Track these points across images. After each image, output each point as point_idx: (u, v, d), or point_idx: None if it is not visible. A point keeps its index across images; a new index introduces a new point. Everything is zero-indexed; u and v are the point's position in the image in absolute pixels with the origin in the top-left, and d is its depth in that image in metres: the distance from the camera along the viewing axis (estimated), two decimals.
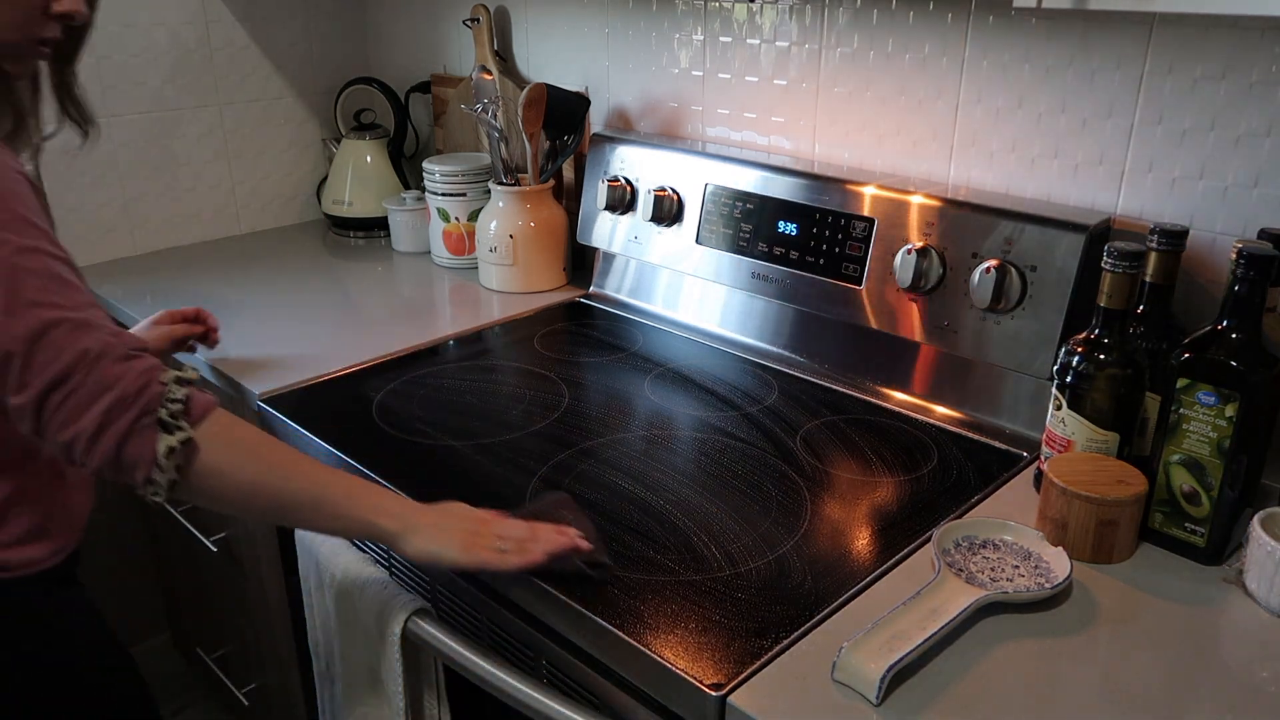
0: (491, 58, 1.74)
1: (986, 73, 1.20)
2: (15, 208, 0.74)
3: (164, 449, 0.76)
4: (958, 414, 1.20)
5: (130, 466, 0.76)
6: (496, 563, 0.85)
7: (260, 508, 0.85)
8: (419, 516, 0.86)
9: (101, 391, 0.74)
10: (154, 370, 0.77)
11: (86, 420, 0.74)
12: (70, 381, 0.73)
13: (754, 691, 0.76)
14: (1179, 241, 1.00)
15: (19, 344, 0.72)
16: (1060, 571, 0.87)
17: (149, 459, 0.76)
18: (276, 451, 0.84)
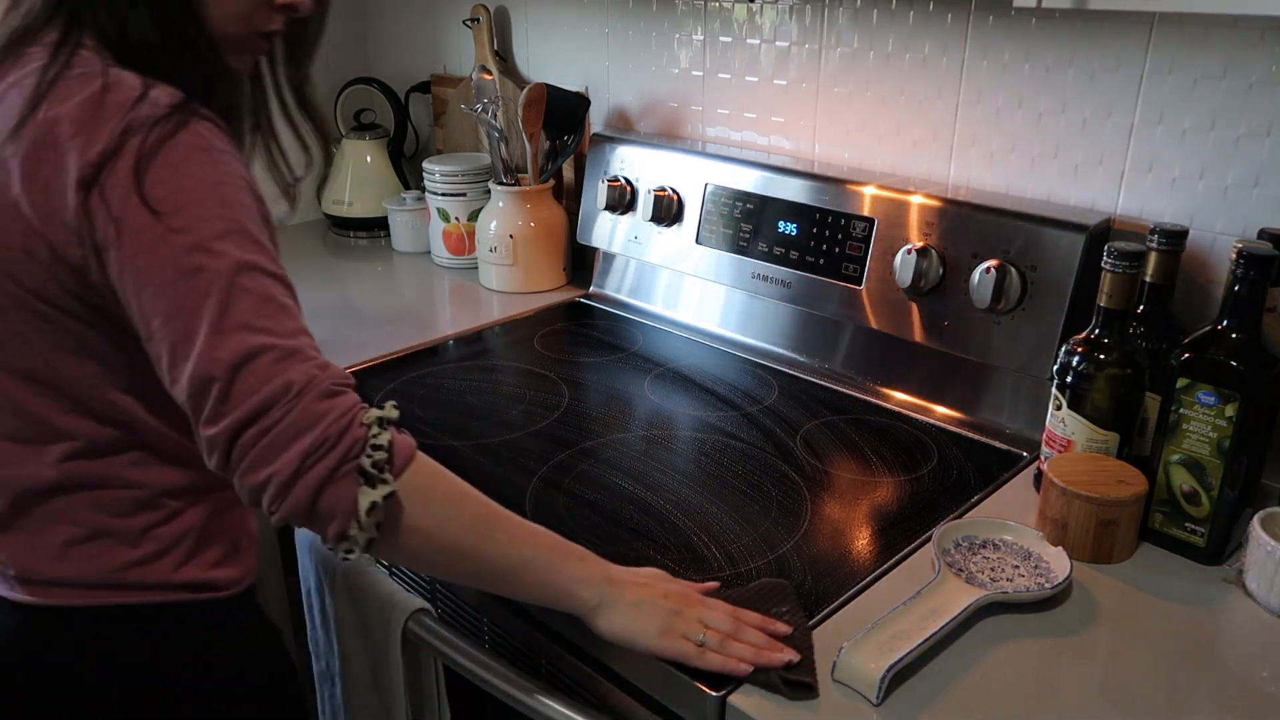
0: (491, 58, 1.74)
1: (986, 73, 1.20)
2: (240, 218, 0.69)
3: (365, 505, 0.67)
4: (958, 414, 1.20)
5: (325, 518, 0.67)
6: (694, 658, 0.76)
7: (461, 570, 0.77)
8: (617, 591, 0.78)
9: (302, 430, 0.65)
10: (357, 410, 0.68)
11: (282, 463, 0.65)
12: (269, 416, 0.65)
13: (754, 692, 0.76)
14: (1179, 241, 1.00)
15: (222, 369, 0.65)
16: (1060, 571, 0.87)
17: (347, 512, 0.67)
18: (479, 508, 0.76)
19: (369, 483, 0.67)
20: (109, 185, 0.65)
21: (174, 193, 0.65)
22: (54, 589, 0.78)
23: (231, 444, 0.66)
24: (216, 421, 0.65)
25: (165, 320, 0.66)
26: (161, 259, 0.65)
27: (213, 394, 0.65)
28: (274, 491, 0.66)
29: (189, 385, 0.66)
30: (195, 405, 0.67)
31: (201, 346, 0.65)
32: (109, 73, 0.68)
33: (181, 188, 0.66)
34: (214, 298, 0.66)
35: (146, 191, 0.65)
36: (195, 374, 0.65)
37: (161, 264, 0.65)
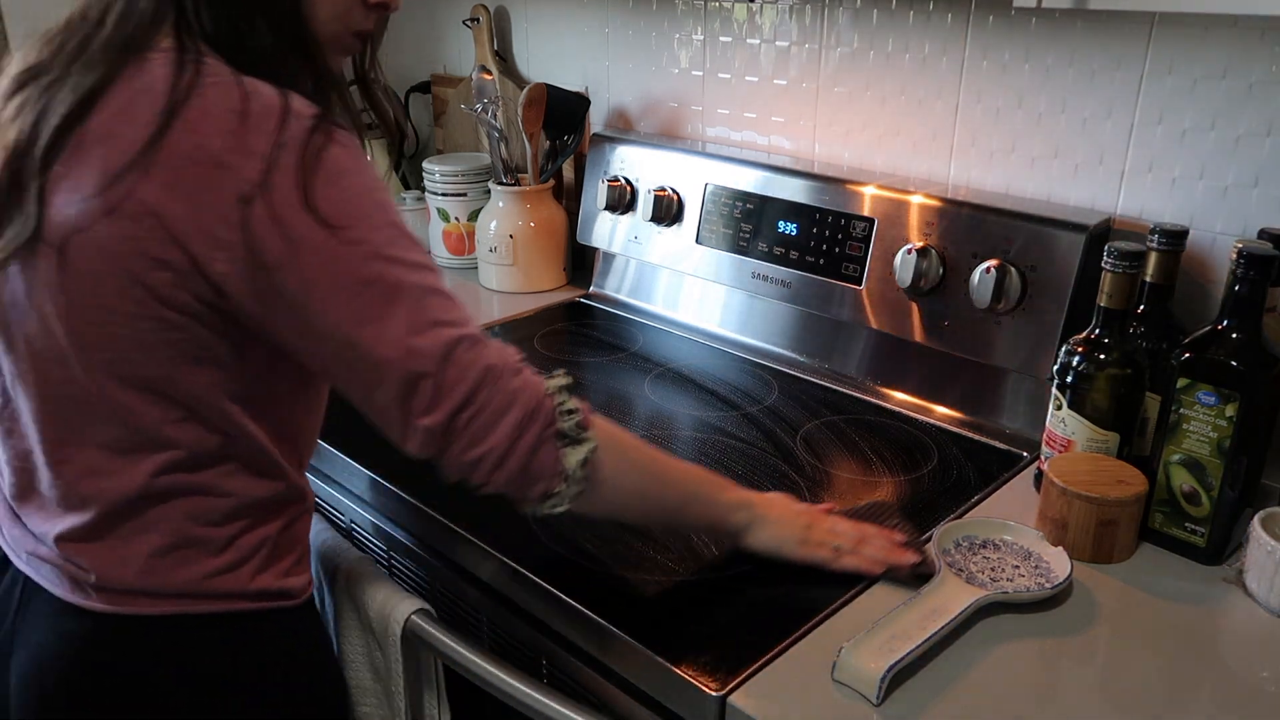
0: (491, 58, 1.74)
1: (986, 73, 1.20)
2: (397, 220, 0.72)
3: (576, 461, 0.75)
4: (958, 414, 1.20)
5: (535, 480, 0.75)
6: (831, 562, 0.88)
7: (642, 511, 0.87)
8: (762, 510, 0.89)
9: (506, 408, 0.73)
10: (541, 381, 0.76)
11: (495, 437, 0.72)
12: (477, 400, 0.71)
13: (754, 691, 0.76)
14: (1179, 241, 1.00)
15: (432, 364, 0.70)
16: (1060, 571, 0.87)
17: (556, 471, 0.75)
18: (650, 453, 0.85)
19: (571, 443, 0.76)
20: (275, 202, 0.66)
21: (340, 205, 0.68)
22: (133, 598, 0.77)
23: (449, 428, 0.72)
24: (433, 411, 0.71)
25: (354, 327, 0.69)
26: (343, 272, 0.68)
27: (426, 389, 0.71)
28: (492, 463, 0.73)
29: (398, 385, 0.70)
30: (405, 401, 0.71)
31: (405, 348, 0.70)
32: (244, 83, 0.68)
33: (346, 199, 0.68)
34: (403, 301, 0.70)
35: (315, 206, 0.66)
36: (404, 373, 0.70)
37: (344, 276, 0.68)
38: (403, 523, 1.06)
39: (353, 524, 1.13)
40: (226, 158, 0.66)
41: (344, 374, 0.73)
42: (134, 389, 0.73)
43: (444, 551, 1.01)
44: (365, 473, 1.08)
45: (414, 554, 1.03)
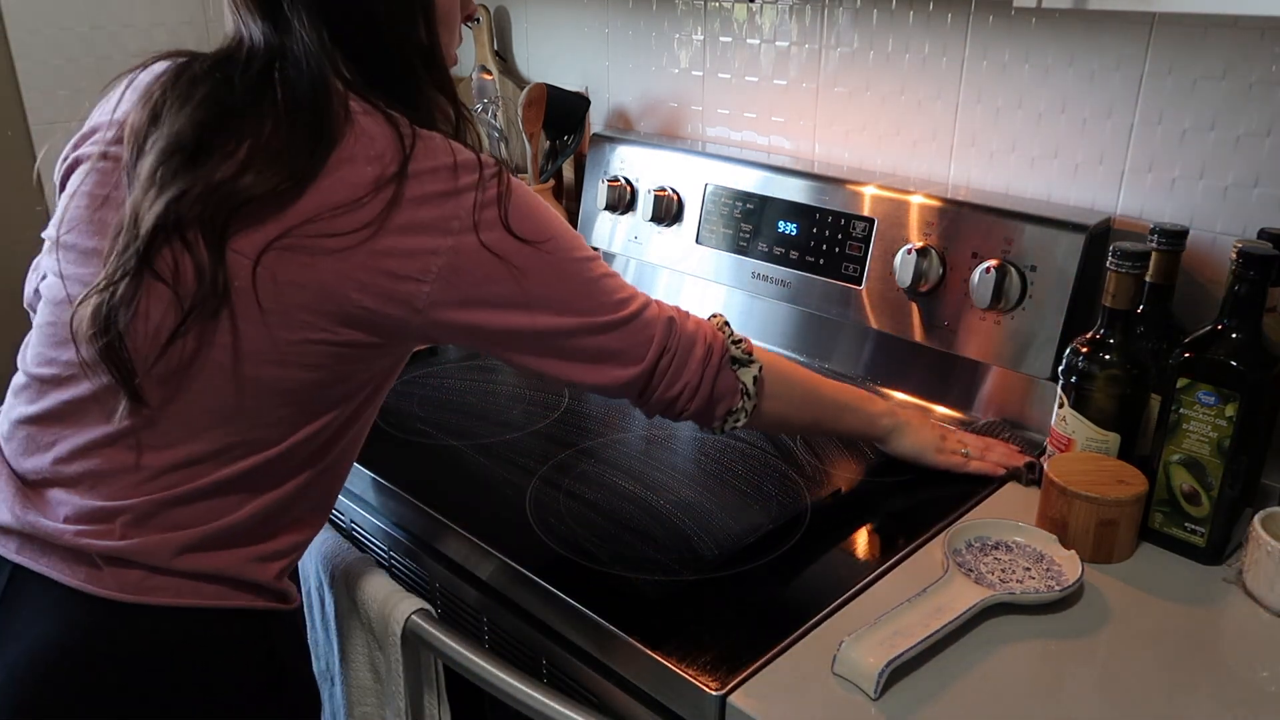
0: (491, 58, 1.74)
1: (986, 73, 1.20)
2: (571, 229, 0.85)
3: (750, 379, 0.91)
4: (958, 414, 1.20)
5: (720, 400, 0.90)
6: (961, 465, 1.06)
7: (803, 421, 1.01)
8: (903, 420, 1.06)
9: (690, 348, 0.88)
10: (701, 320, 0.91)
11: (690, 372, 0.88)
12: (670, 348, 0.87)
13: (754, 691, 0.76)
14: (1179, 241, 1.00)
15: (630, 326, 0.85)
16: (1071, 575, 0.87)
17: (734, 390, 0.90)
18: (802, 371, 1.00)
19: (743, 364, 0.91)
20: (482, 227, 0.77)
21: (534, 226, 0.80)
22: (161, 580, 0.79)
23: (651, 374, 0.87)
24: (639, 362, 0.86)
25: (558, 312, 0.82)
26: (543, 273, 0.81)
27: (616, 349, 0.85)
28: (689, 393, 0.88)
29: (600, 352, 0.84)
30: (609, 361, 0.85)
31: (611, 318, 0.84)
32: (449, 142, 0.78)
33: (536, 222, 0.80)
34: (597, 283, 0.84)
35: (516, 230, 0.78)
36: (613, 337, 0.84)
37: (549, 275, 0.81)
38: (403, 523, 1.06)
39: (353, 524, 1.13)
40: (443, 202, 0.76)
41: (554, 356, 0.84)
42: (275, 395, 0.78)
43: (444, 551, 1.01)
44: (365, 473, 1.08)
45: (414, 554, 1.04)
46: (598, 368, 0.85)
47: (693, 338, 0.88)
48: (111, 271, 0.74)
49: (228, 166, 0.73)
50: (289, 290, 0.74)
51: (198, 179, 0.73)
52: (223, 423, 0.78)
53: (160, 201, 0.73)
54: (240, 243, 0.73)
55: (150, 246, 0.73)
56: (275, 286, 0.74)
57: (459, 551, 0.98)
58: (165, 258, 0.74)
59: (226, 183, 0.73)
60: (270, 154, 0.74)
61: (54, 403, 0.80)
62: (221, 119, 0.75)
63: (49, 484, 0.80)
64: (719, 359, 0.89)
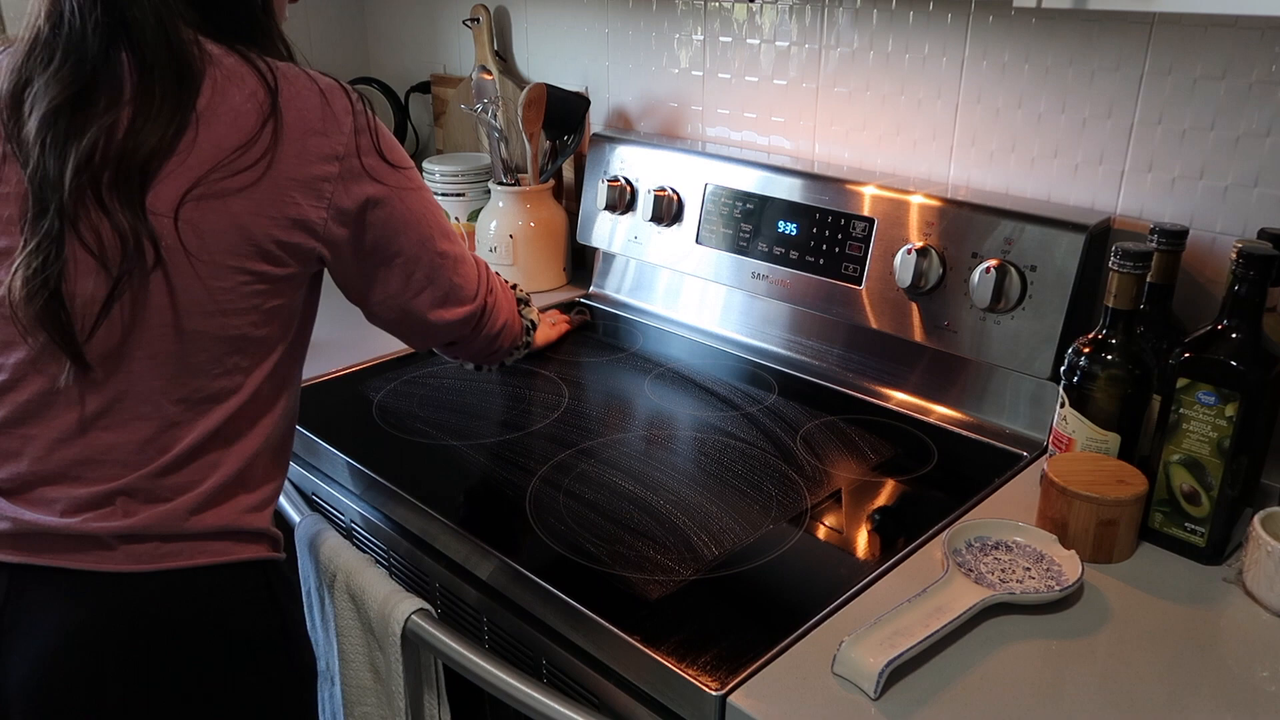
0: (491, 58, 1.74)
1: (986, 73, 1.20)
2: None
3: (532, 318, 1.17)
4: (958, 414, 1.20)
5: (521, 332, 1.13)
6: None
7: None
8: None
9: (504, 289, 1.08)
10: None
11: (508, 309, 1.08)
12: (493, 286, 1.04)
13: (754, 691, 0.76)
14: (1179, 241, 1.00)
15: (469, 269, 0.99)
16: (1071, 575, 0.87)
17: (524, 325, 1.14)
18: None
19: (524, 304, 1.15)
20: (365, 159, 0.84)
21: (399, 154, 0.88)
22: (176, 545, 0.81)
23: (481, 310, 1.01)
24: (471, 300, 0.99)
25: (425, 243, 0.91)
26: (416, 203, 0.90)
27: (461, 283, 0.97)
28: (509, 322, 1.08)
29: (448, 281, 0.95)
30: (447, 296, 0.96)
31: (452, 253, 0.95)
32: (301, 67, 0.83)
33: (400, 151, 0.89)
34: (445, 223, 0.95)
35: (387, 157, 0.86)
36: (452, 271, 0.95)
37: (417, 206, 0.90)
38: (403, 523, 1.06)
39: (353, 524, 1.13)
40: (323, 127, 0.81)
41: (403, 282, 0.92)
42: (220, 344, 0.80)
43: (444, 551, 1.01)
44: (365, 473, 1.08)
45: (414, 554, 1.03)
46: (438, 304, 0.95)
47: (504, 286, 1.08)
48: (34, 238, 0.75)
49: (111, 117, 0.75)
50: (212, 238, 0.77)
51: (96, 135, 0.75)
52: (179, 384, 0.80)
53: (69, 164, 0.74)
54: (155, 202, 0.76)
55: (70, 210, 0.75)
56: (199, 238, 0.77)
57: (459, 551, 0.98)
58: (86, 225, 0.75)
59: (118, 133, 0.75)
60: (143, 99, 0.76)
61: (11, 408, 0.80)
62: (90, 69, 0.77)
63: (34, 485, 0.80)
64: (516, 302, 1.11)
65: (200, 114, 0.77)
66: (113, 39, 0.77)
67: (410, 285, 0.93)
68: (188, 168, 0.76)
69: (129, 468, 0.80)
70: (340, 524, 1.14)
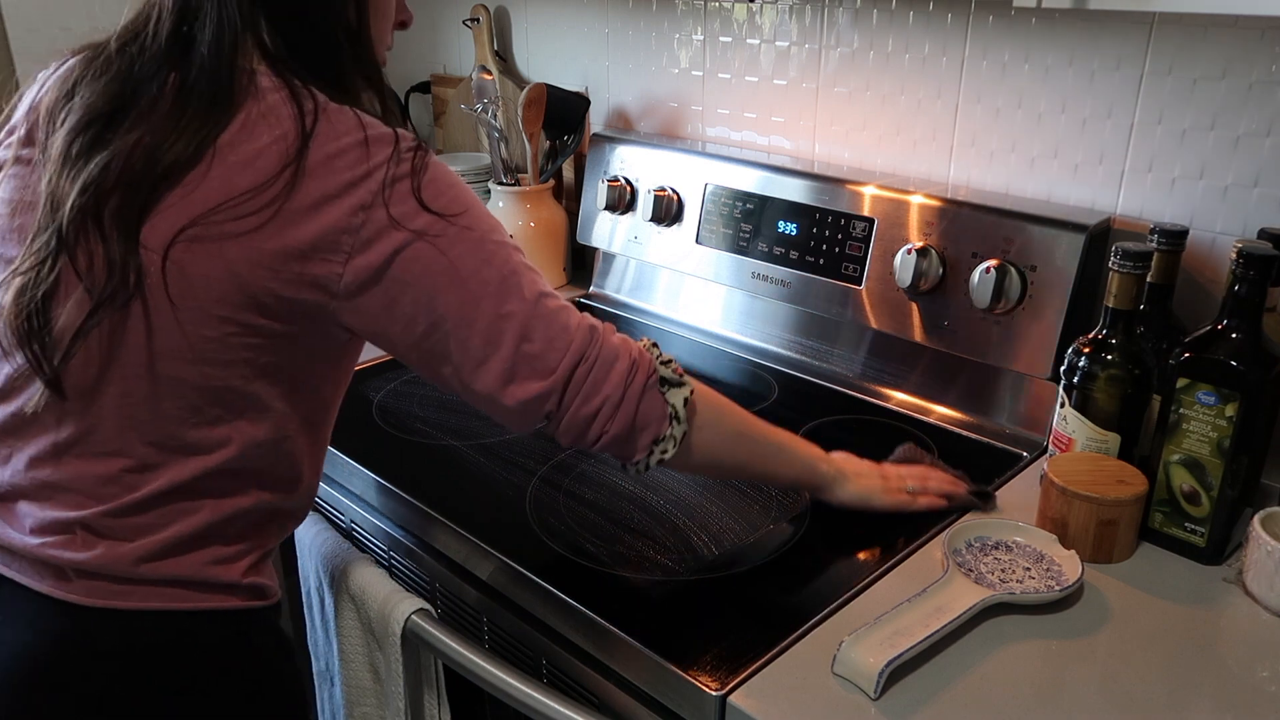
0: (491, 58, 1.74)
1: (986, 73, 1.20)
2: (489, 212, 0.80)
3: (680, 400, 0.82)
4: (958, 414, 1.20)
5: (645, 425, 0.81)
6: (909, 504, 0.98)
7: (736, 461, 0.92)
8: (841, 463, 0.98)
9: (612, 361, 0.79)
10: (631, 340, 0.83)
11: (610, 386, 0.79)
12: (588, 358, 0.78)
13: (754, 691, 0.76)
14: (1179, 241, 1.00)
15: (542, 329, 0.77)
16: (1071, 575, 0.87)
17: (664, 414, 0.81)
18: (735, 406, 0.90)
19: (673, 386, 0.82)
20: (394, 209, 0.73)
21: (449, 201, 0.75)
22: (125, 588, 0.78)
23: (566, 385, 0.78)
24: (549, 374, 0.77)
25: (476, 302, 0.75)
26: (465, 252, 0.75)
27: (531, 358, 0.77)
28: (608, 411, 0.79)
29: (508, 355, 0.76)
30: (510, 372, 0.77)
31: (521, 314, 0.76)
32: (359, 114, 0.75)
33: (452, 196, 0.76)
34: (514, 276, 0.77)
35: (429, 203, 0.74)
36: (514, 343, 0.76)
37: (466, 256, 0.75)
38: (403, 523, 1.06)
39: (353, 524, 1.13)
40: (352, 177, 0.72)
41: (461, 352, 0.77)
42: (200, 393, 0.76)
43: (444, 551, 1.01)
44: (365, 473, 1.08)
45: (414, 554, 1.04)
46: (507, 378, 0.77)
47: (616, 350, 0.80)
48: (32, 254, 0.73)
49: (134, 136, 0.72)
50: (201, 284, 0.72)
51: (112, 153, 0.72)
52: (153, 426, 0.76)
53: (78, 182, 0.71)
54: (149, 235, 0.71)
55: (69, 230, 0.72)
56: (185, 282, 0.72)
57: (459, 551, 0.98)
58: (82, 248, 0.72)
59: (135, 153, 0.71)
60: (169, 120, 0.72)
61: (4, 416, 0.79)
62: (134, 86, 0.74)
63: (14, 496, 0.80)
64: (645, 377, 0.80)
65: (219, 148, 0.72)
66: (168, 57, 0.74)
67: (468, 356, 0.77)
68: (189, 203, 0.71)
69: (89, 502, 0.77)
70: (340, 524, 1.14)
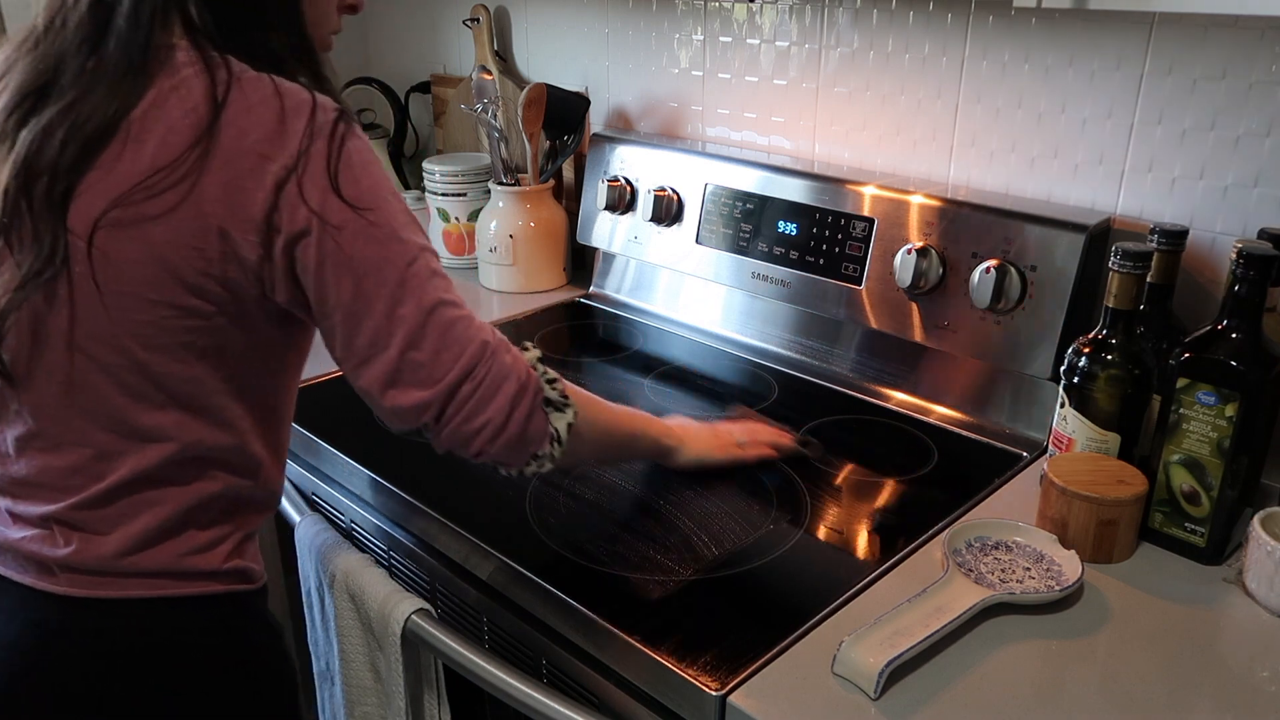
0: (491, 58, 1.74)
1: (986, 73, 1.20)
2: (407, 209, 0.78)
3: (565, 425, 0.83)
4: (958, 414, 1.20)
5: (529, 444, 0.81)
6: (741, 456, 1.06)
7: (603, 458, 1.03)
8: (679, 431, 1.04)
9: (502, 381, 0.78)
10: (520, 354, 0.82)
11: (495, 408, 0.78)
12: (476, 373, 0.77)
13: (754, 691, 0.76)
14: (1179, 241, 1.00)
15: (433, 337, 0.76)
16: (1071, 575, 0.87)
17: (546, 435, 0.82)
18: (607, 407, 0.93)
19: (557, 408, 0.83)
20: (305, 185, 0.71)
21: (363, 191, 0.74)
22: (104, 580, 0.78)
23: (448, 400, 0.77)
24: (432, 385, 0.76)
25: (369, 300, 0.74)
26: (366, 248, 0.74)
27: (416, 365, 0.75)
28: (489, 433, 0.79)
29: (395, 358, 0.75)
30: (393, 375, 0.76)
31: (412, 320, 0.75)
32: (277, 82, 0.73)
33: (368, 186, 0.74)
34: (414, 280, 0.75)
35: (342, 190, 0.72)
36: (402, 347, 0.75)
37: (366, 252, 0.74)
38: (403, 523, 1.06)
39: (353, 524, 1.13)
40: (267, 149, 0.71)
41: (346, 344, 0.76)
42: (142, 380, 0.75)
43: (444, 551, 1.01)
44: (365, 473, 1.08)
45: (414, 554, 1.03)
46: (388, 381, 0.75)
47: (506, 371, 0.79)
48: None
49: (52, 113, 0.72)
50: (129, 270, 0.71)
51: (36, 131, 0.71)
52: (99, 415, 0.76)
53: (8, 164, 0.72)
54: (74, 220, 0.71)
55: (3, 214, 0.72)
56: (112, 268, 0.72)
57: (459, 551, 0.98)
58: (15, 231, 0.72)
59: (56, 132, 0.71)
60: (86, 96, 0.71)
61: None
62: (57, 62, 0.73)
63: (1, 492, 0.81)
64: (531, 399, 0.80)
65: (132, 125, 0.71)
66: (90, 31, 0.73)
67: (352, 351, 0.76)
68: (108, 184, 0.71)
69: (60, 493, 0.77)
70: (340, 524, 1.14)
